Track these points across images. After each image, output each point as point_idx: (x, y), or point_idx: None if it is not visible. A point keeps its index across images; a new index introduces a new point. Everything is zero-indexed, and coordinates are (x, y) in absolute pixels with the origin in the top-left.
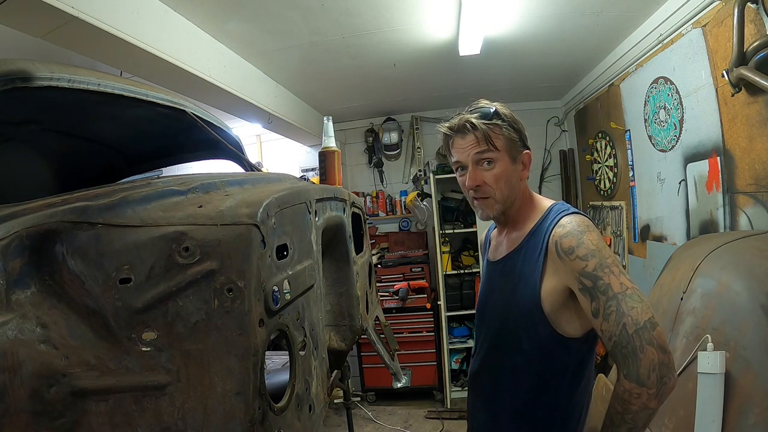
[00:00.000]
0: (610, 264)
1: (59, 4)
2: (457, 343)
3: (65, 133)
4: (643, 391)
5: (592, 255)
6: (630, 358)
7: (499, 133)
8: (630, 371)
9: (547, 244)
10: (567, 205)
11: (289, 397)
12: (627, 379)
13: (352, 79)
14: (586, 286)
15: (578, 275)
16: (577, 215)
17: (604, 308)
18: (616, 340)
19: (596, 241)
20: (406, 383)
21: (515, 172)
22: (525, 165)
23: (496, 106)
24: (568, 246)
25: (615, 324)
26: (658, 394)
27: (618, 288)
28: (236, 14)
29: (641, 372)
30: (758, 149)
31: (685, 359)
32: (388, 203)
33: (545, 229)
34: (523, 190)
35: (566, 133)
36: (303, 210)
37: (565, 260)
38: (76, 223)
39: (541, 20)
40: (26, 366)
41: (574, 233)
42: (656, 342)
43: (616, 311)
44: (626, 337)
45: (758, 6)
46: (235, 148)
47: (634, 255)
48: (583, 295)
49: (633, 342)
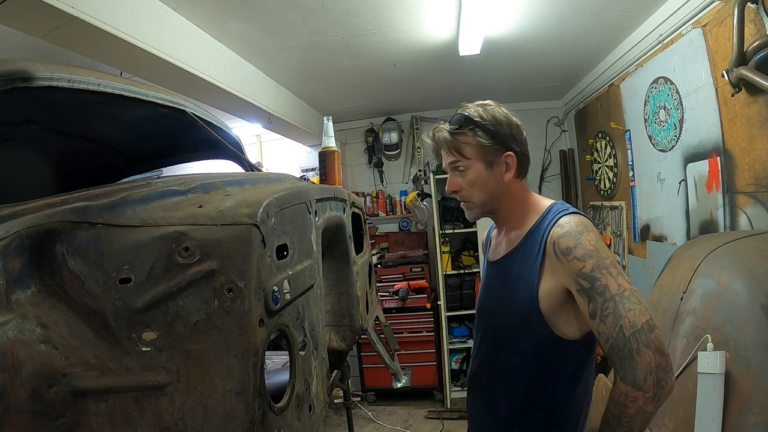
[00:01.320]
0: (608, 265)
1: (59, 4)
2: (457, 343)
3: (65, 133)
4: (639, 395)
5: (589, 256)
6: (626, 360)
7: (467, 141)
8: (626, 374)
9: (545, 245)
10: (566, 204)
11: (289, 397)
12: (623, 382)
13: (352, 79)
14: (584, 287)
15: (576, 276)
16: (576, 215)
17: (602, 310)
18: (612, 342)
19: (594, 241)
20: (406, 383)
21: (492, 177)
22: (509, 166)
23: (472, 110)
24: (565, 246)
25: (612, 326)
26: (655, 397)
27: (616, 289)
28: (236, 14)
29: (638, 375)
30: (758, 149)
31: (685, 359)
32: (388, 203)
33: (543, 229)
34: (513, 191)
35: (566, 133)
36: (303, 210)
37: (562, 261)
38: (76, 223)
39: (541, 20)
40: (26, 366)
41: (572, 233)
42: (653, 345)
43: (613, 313)
44: (623, 339)
45: (758, 6)
46: (235, 148)
47: (634, 255)
48: (580, 296)
49: (630, 344)
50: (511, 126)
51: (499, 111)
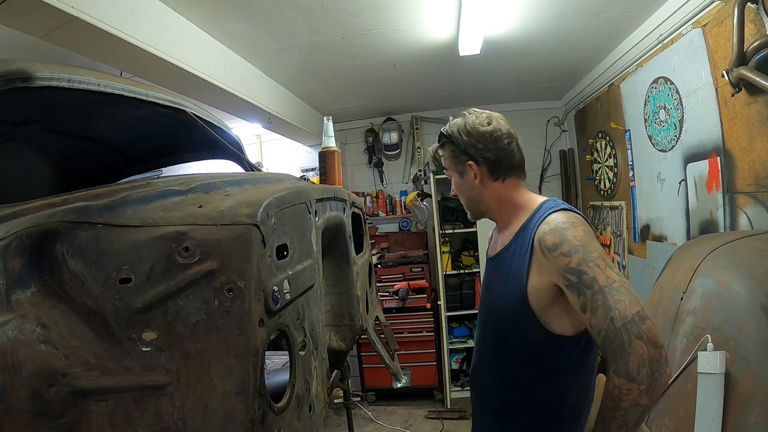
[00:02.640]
0: (594, 258)
1: (59, 4)
2: (457, 343)
3: (65, 133)
4: (633, 387)
5: (575, 251)
6: (618, 352)
7: (444, 155)
8: (619, 366)
9: (533, 242)
10: (558, 201)
11: (289, 397)
12: (616, 374)
13: (352, 79)
14: (572, 282)
15: (563, 272)
16: (565, 212)
17: (591, 303)
18: (604, 334)
19: (581, 236)
20: (406, 383)
21: (466, 184)
22: (476, 174)
23: (450, 123)
24: (551, 243)
25: (602, 318)
26: (649, 390)
27: (604, 281)
28: (236, 14)
29: (630, 367)
30: (758, 149)
31: (685, 359)
32: (388, 203)
33: (533, 226)
34: (494, 193)
35: (566, 133)
36: (303, 210)
37: (549, 257)
38: (76, 223)
39: (541, 20)
40: (26, 366)
41: (558, 230)
42: (645, 336)
43: (603, 305)
44: (614, 331)
45: (758, 6)
46: (235, 148)
47: (634, 255)
48: (570, 292)
49: (621, 336)
50: (475, 135)
51: (470, 120)
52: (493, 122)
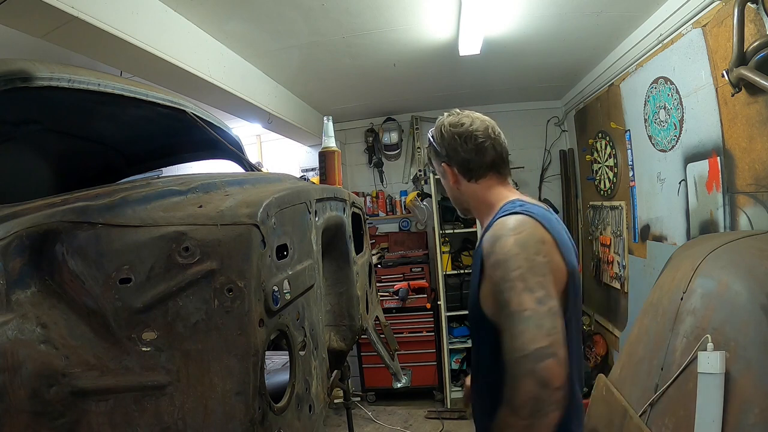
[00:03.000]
0: (513, 277)
1: (59, 4)
2: (457, 343)
3: (65, 133)
4: (515, 421)
5: (498, 265)
6: (509, 382)
7: (429, 156)
8: (507, 396)
9: (482, 246)
10: (517, 202)
11: (289, 397)
12: (504, 402)
13: (352, 79)
14: (496, 294)
15: (492, 281)
16: (510, 216)
17: (502, 322)
18: (506, 358)
19: (507, 248)
20: (406, 383)
21: (446, 184)
22: (451, 174)
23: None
24: (487, 251)
25: (505, 343)
26: (531, 427)
27: (515, 306)
28: (236, 14)
29: (515, 401)
30: (758, 149)
31: (685, 359)
32: (388, 203)
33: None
34: (471, 193)
35: (566, 133)
36: (303, 210)
37: (486, 264)
38: (76, 223)
39: (541, 20)
40: (26, 366)
41: (493, 238)
42: (538, 375)
43: (508, 330)
44: (510, 360)
45: (758, 6)
46: (235, 148)
47: (634, 255)
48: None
49: (512, 369)
50: (447, 136)
51: (446, 121)
52: (467, 122)
